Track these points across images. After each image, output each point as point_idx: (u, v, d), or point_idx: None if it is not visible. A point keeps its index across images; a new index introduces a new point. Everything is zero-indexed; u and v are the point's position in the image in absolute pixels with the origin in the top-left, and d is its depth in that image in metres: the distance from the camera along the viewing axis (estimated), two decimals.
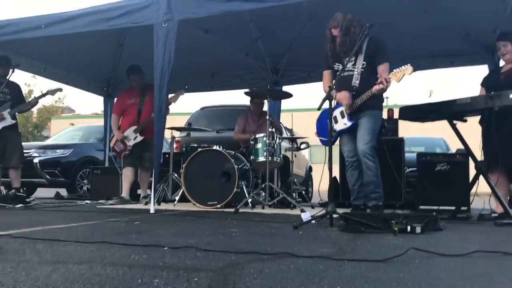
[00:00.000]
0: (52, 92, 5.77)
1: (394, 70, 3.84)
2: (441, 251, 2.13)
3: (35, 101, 5.86)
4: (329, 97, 3.34)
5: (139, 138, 5.70)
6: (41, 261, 1.77)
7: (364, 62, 4.11)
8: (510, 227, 3.53)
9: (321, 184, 5.09)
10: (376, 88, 3.89)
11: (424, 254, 2.04)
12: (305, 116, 26.66)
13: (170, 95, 5.47)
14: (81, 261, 1.77)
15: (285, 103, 5.97)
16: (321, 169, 4.98)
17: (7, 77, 5.66)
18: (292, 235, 2.78)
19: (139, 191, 6.14)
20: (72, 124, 31.49)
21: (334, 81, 3.96)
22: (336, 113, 4.23)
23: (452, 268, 1.78)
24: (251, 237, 2.63)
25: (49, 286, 1.36)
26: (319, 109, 3.46)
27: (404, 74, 3.74)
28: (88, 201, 5.84)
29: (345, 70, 4.12)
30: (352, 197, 4.31)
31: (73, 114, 40.20)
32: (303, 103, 38.95)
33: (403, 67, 3.77)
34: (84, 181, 8.21)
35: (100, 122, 8.74)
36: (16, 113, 5.75)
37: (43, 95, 5.78)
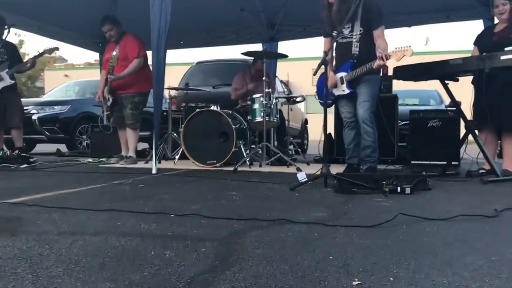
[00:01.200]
0: (49, 51, 5.77)
1: (396, 48, 3.90)
2: (427, 214, 2.31)
3: (33, 61, 5.85)
4: (324, 62, 3.42)
5: (111, 99, 5.56)
6: (59, 232, 1.92)
7: (361, 28, 4.17)
8: (495, 184, 3.72)
9: (316, 137, 5.23)
10: (377, 63, 3.97)
11: (411, 219, 2.22)
12: (301, 65, 26.53)
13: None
14: (96, 232, 1.93)
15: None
16: (316, 119, 5.09)
17: (3, 38, 5.65)
18: (288, 197, 2.95)
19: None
20: (66, 75, 31.30)
21: (331, 48, 4.01)
22: (337, 77, 4.32)
23: (435, 233, 1.96)
24: (251, 201, 2.80)
25: (73, 260, 1.52)
26: (314, 74, 3.55)
27: (404, 55, 3.82)
28: (90, 159, 5.99)
29: (343, 37, 4.20)
30: (347, 155, 4.48)
31: (65, 64, 39.72)
32: (298, 52, 38.50)
33: (404, 47, 3.83)
34: (83, 137, 8.35)
35: (94, 73, 8.71)
36: (15, 73, 5.78)
37: (41, 55, 5.78)
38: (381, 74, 5.70)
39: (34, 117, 7.90)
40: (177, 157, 5.46)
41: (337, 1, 4.04)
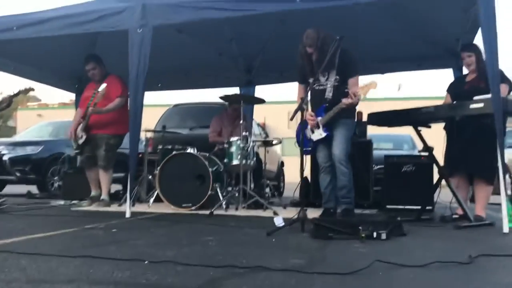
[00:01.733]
0: (25, 91, 5.71)
1: (361, 84, 4.04)
2: (403, 260, 2.31)
3: (10, 100, 5.75)
4: (301, 108, 3.49)
5: (84, 138, 5.43)
6: (29, 280, 1.85)
7: (337, 77, 4.30)
8: (468, 230, 3.78)
9: (293, 179, 5.25)
10: (345, 102, 4.10)
11: (388, 265, 2.21)
12: (278, 108, 26.86)
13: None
14: (68, 280, 1.86)
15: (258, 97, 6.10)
16: (292, 161, 5.13)
17: None
18: (265, 243, 2.92)
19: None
20: (40, 115, 30.91)
21: (306, 94, 4.11)
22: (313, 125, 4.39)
23: (412, 280, 1.96)
24: (227, 246, 2.77)
25: None
26: (291, 119, 3.60)
27: (369, 89, 3.97)
28: (62, 202, 5.85)
29: (319, 84, 4.35)
30: (323, 200, 4.50)
31: (39, 104, 39.28)
32: (275, 96, 39.15)
33: (368, 82, 3.99)
34: (55, 178, 8.16)
35: (69, 114, 8.60)
36: None
37: (16, 95, 5.70)
38: (355, 120, 5.86)
39: (5, 157, 7.73)
40: (151, 199, 5.38)
41: (315, 52, 4.15)
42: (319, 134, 4.37)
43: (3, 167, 7.62)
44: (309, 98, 4.46)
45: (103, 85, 5.21)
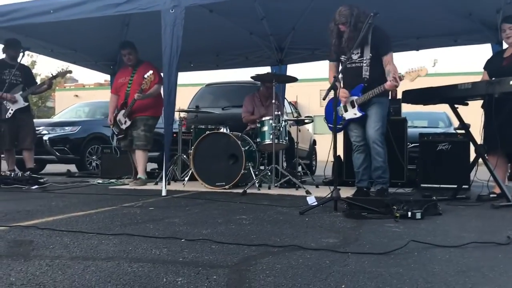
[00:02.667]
0: (63, 73, 5.88)
1: (410, 68, 3.94)
2: (438, 241, 2.30)
3: (50, 82, 5.95)
4: (334, 87, 3.45)
5: (128, 123, 5.65)
6: (72, 257, 1.94)
7: (370, 54, 4.24)
8: (506, 209, 3.69)
9: (325, 158, 5.24)
10: (389, 84, 4.04)
11: (423, 245, 2.20)
12: (309, 86, 26.67)
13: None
14: (107, 257, 1.94)
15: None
16: (324, 139, 5.11)
17: (19, 60, 5.77)
18: (299, 222, 2.94)
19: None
20: (77, 96, 31.67)
21: (340, 72, 4.05)
22: (347, 102, 4.35)
23: (448, 262, 1.94)
24: (261, 225, 2.80)
25: (86, 286, 1.53)
26: (324, 99, 3.57)
27: (418, 75, 3.88)
28: (100, 181, 6.03)
29: (352, 62, 4.28)
30: (357, 179, 4.48)
31: (76, 84, 40.19)
32: (306, 73, 38.71)
33: (418, 67, 3.88)
34: (93, 157, 8.41)
35: (104, 94, 8.78)
36: (29, 94, 5.87)
37: (55, 77, 5.90)
38: (389, 97, 5.76)
39: (45, 137, 7.99)
40: (186, 178, 5.48)
41: (348, 29, 4.09)
42: (353, 114, 4.33)
43: (44, 147, 7.89)
44: (341, 76, 4.41)
45: (150, 72, 5.34)
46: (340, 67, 4.36)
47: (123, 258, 1.93)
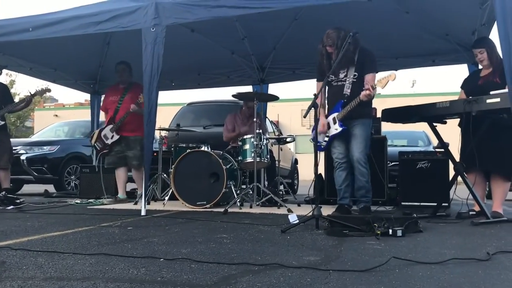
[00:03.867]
0: (41, 92, 5.82)
1: (379, 77, 4.02)
2: (420, 258, 2.30)
3: (28, 100, 5.87)
4: (314, 105, 3.47)
5: (115, 137, 5.78)
6: (46, 277, 1.87)
7: (355, 73, 4.32)
8: (485, 226, 3.72)
9: (306, 177, 5.25)
10: (363, 94, 4.11)
11: (404, 262, 2.20)
12: (291, 106, 26.87)
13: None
14: (83, 277, 1.88)
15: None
16: (306, 158, 5.14)
17: None
18: (280, 240, 2.91)
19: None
20: (56, 115, 31.28)
21: (320, 91, 4.13)
22: (329, 119, 4.42)
23: (429, 278, 1.93)
24: (242, 244, 2.76)
25: None
26: (305, 116, 3.59)
27: (388, 81, 3.94)
28: (78, 201, 5.91)
29: (338, 81, 4.40)
30: (339, 197, 4.49)
31: (56, 104, 39.79)
32: (288, 93, 39.06)
33: (387, 73, 3.96)
34: (72, 177, 8.26)
35: (84, 114, 8.70)
36: (5, 113, 5.77)
37: (33, 96, 5.82)
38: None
39: (23, 157, 7.84)
40: (166, 198, 5.41)
41: (336, 51, 4.15)
42: (334, 129, 4.37)
43: (21, 166, 7.73)
44: (326, 95, 4.47)
45: None
46: (326, 87, 4.45)
47: (99, 278, 1.87)
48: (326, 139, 4.46)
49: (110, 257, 2.27)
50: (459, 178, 4.24)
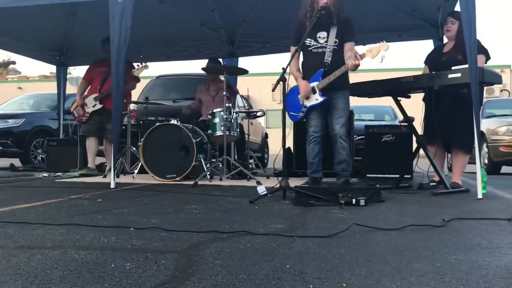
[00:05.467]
0: (5, 64, 5.69)
1: (369, 46, 3.99)
2: (379, 225, 2.42)
3: None
4: (282, 78, 3.52)
5: (98, 106, 5.78)
6: (17, 246, 1.90)
7: (336, 40, 4.19)
8: (444, 196, 3.91)
9: (276, 151, 5.32)
10: (352, 63, 3.94)
11: (365, 229, 2.32)
12: (261, 80, 26.81)
13: (134, 69, 5.53)
14: (54, 246, 1.92)
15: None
16: (276, 133, 5.24)
17: None
18: (248, 210, 3.00)
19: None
20: (20, 88, 30.30)
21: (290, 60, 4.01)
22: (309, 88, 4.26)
23: (387, 242, 2.06)
24: (211, 213, 2.84)
25: (31, 273, 1.51)
26: (273, 90, 3.63)
27: (379, 51, 3.89)
28: (46, 174, 5.85)
29: (316, 47, 4.24)
30: (310, 170, 4.43)
31: (19, 76, 38.46)
32: (258, 68, 38.95)
33: (378, 44, 3.91)
34: (38, 151, 8.13)
35: (50, 86, 8.49)
36: None
37: None
38: None
39: None
40: (136, 171, 5.42)
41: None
42: (314, 99, 4.24)
43: None
44: (303, 61, 4.38)
45: (139, 65, 5.58)
46: (301, 53, 4.29)
47: (70, 246, 1.91)
48: (304, 109, 4.31)
49: (80, 227, 2.31)
50: (422, 151, 4.41)
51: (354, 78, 4.41)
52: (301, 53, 4.35)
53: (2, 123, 7.88)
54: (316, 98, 4.25)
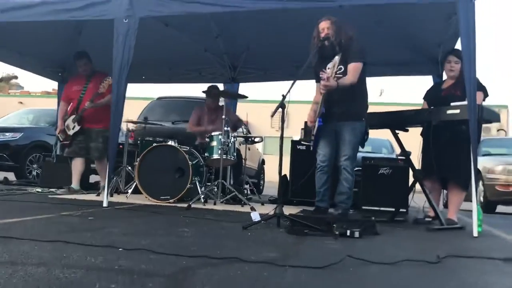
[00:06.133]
0: (7, 79, 5.71)
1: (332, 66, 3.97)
2: (374, 258, 2.37)
3: None
4: (281, 105, 3.52)
5: (76, 128, 5.63)
6: None
7: (341, 66, 4.10)
8: (439, 232, 3.87)
9: (273, 178, 5.27)
10: (321, 83, 4.00)
11: (359, 262, 2.27)
12: (261, 107, 26.96)
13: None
14: (39, 263, 1.87)
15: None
16: (273, 160, 5.24)
17: None
18: (241, 236, 2.95)
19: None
20: (21, 103, 30.38)
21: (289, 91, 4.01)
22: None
23: (381, 277, 2.01)
24: (202, 238, 2.79)
25: None
26: (272, 116, 3.62)
27: (334, 64, 3.92)
28: (39, 189, 5.79)
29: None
30: (317, 198, 4.39)
31: (21, 91, 38.64)
32: (258, 95, 39.24)
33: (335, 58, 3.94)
34: (34, 166, 8.07)
35: (51, 102, 8.47)
36: None
37: None
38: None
39: None
40: (130, 191, 5.37)
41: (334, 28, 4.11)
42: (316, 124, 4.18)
43: None
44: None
45: (109, 77, 5.16)
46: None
47: (55, 264, 1.86)
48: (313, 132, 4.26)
49: (68, 245, 2.26)
50: (418, 187, 4.38)
51: None
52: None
53: (0, 136, 7.84)
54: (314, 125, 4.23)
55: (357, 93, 4.16)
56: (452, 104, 3.87)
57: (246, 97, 5.49)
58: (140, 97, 21.53)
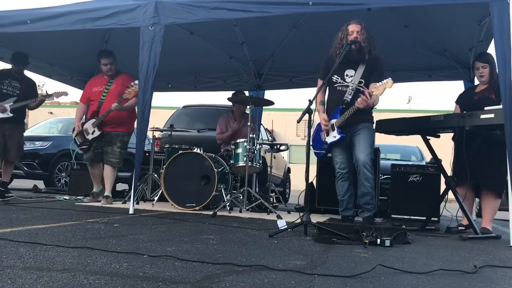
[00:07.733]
0: (57, 94, 5.79)
1: (376, 84, 3.97)
2: (406, 267, 2.28)
3: (40, 100, 5.77)
4: (308, 110, 3.45)
5: (97, 133, 5.35)
6: (25, 267, 1.84)
7: (362, 80, 4.20)
8: (473, 241, 3.71)
9: (299, 187, 5.21)
10: (359, 100, 4.00)
11: (390, 271, 2.17)
12: (286, 115, 26.91)
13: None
14: (63, 269, 1.84)
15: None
16: (299, 168, 5.16)
17: (22, 73, 5.85)
18: (267, 244, 2.88)
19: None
20: (51, 113, 31.11)
21: (315, 97, 4.01)
22: (328, 125, 4.32)
23: (414, 287, 1.91)
24: (228, 245, 2.73)
25: None
26: (298, 122, 3.56)
27: (385, 88, 3.89)
28: (67, 197, 5.85)
29: (341, 85, 4.27)
30: (341, 208, 4.39)
31: (51, 102, 39.54)
32: (284, 103, 39.19)
33: (384, 80, 3.91)
34: (62, 174, 8.19)
35: None
36: (21, 108, 5.69)
37: (48, 96, 5.77)
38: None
39: None
40: (155, 198, 5.37)
41: (364, 35, 4.12)
42: (332, 137, 4.28)
43: None
44: (327, 96, 4.41)
45: (136, 81, 4.93)
46: (328, 89, 4.35)
47: (80, 270, 1.84)
48: (327, 139, 4.34)
49: (93, 251, 2.24)
50: (449, 195, 4.23)
51: (383, 118, 4.32)
52: (328, 88, 4.35)
53: (30, 145, 7.98)
54: (334, 136, 4.27)
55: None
56: (486, 108, 3.73)
57: (272, 103, 5.44)
58: (165, 106, 21.77)
